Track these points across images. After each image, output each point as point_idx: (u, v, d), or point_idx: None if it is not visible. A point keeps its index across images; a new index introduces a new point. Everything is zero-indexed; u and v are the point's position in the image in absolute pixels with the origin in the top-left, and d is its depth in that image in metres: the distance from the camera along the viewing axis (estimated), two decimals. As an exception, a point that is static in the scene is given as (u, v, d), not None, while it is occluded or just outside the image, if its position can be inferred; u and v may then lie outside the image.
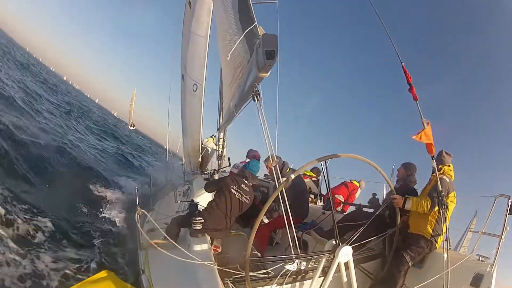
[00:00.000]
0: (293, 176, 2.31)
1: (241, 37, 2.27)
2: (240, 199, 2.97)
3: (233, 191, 2.96)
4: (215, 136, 6.10)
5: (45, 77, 28.58)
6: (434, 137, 2.25)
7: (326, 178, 2.41)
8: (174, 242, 2.74)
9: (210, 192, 3.15)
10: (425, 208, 2.69)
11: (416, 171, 3.45)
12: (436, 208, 2.69)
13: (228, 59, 2.46)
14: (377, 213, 2.95)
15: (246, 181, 3.09)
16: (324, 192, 5.22)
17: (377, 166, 2.45)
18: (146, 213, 2.58)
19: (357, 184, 5.36)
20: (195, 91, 5.30)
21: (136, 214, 2.62)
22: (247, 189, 3.06)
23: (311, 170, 5.58)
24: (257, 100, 2.33)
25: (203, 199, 3.46)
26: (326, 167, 2.33)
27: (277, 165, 2.60)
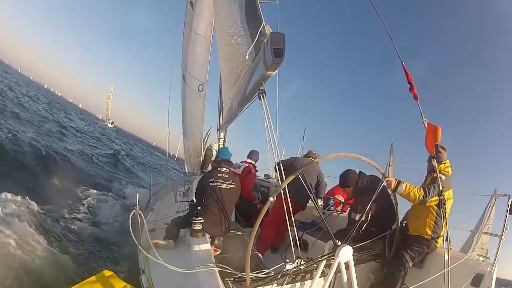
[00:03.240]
0: (291, 178, 2.31)
1: (254, 41, 2.25)
2: (224, 187, 3.00)
3: (212, 184, 2.99)
4: (218, 140, 6.09)
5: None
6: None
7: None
8: (173, 243, 2.76)
9: (200, 197, 3.18)
10: (417, 198, 2.62)
11: (356, 177, 3.33)
12: (431, 203, 2.67)
13: (246, 57, 2.44)
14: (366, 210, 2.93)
15: (221, 169, 3.11)
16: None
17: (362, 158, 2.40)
18: (142, 214, 2.57)
19: None
20: (201, 91, 5.31)
21: (137, 214, 2.62)
22: (226, 176, 3.09)
23: None
24: (263, 98, 2.33)
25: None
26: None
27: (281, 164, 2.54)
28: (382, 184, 2.78)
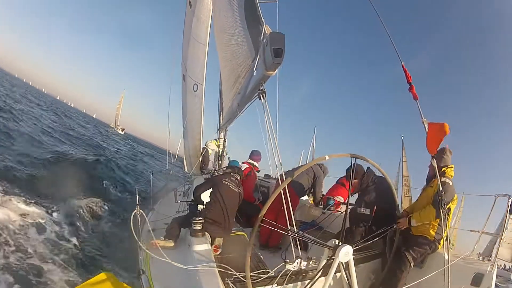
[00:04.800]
0: (295, 175, 2.37)
1: (265, 39, 2.22)
2: (234, 189, 3.12)
3: (226, 183, 3.10)
4: (218, 139, 6.10)
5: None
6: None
7: (351, 176, 2.52)
8: (173, 243, 2.76)
9: (201, 193, 3.27)
10: (431, 219, 2.68)
11: (363, 171, 3.37)
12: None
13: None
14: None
15: (234, 175, 3.26)
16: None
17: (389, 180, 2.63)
18: (143, 213, 2.58)
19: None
20: (196, 91, 5.32)
21: (137, 214, 2.62)
22: (237, 181, 3.23)
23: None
24: (263, 98, 2.34)
25: (203, 199, 3.47)
26: (354, 164, 2.39)
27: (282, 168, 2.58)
28: (385, 184, 2.90)
